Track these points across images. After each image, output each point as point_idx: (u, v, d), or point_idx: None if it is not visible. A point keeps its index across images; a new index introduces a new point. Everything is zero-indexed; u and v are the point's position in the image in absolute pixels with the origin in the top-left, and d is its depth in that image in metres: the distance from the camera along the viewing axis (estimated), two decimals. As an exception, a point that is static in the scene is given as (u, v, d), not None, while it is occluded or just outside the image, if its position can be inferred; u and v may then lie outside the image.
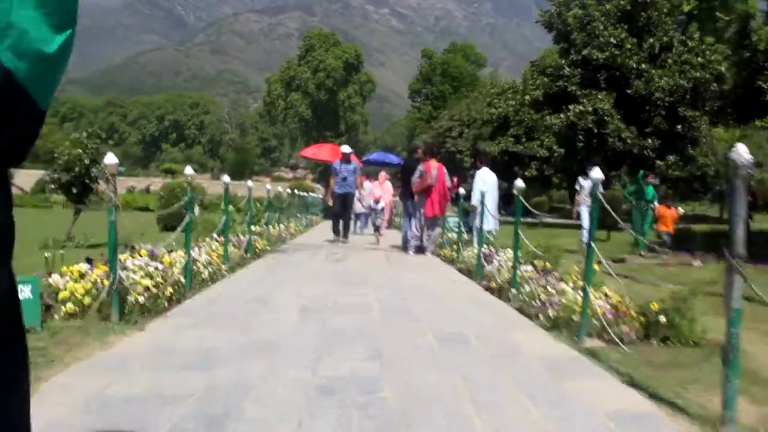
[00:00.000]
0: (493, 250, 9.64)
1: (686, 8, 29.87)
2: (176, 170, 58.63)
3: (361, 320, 5.36)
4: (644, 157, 26.70)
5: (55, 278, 5.20)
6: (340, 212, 14.76)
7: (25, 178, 53.62)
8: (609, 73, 27.07)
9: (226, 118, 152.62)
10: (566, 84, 27.57)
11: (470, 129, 46.18)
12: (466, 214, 13.42)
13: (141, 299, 5.22)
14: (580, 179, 15.08)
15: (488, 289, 7.96)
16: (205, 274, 7.23)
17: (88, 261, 6.16)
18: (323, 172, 70.80)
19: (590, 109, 26.37)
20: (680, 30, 28.07)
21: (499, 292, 7.42)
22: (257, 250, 11.03)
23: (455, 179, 43.10)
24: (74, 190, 9.93)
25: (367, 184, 27.20)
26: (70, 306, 4.86)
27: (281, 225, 15.41)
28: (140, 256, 6.52)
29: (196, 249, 7.81)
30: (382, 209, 15.71)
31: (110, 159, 4.86)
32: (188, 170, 7.96)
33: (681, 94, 26.20)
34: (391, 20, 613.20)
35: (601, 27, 26.94)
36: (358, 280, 8.06)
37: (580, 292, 5.59)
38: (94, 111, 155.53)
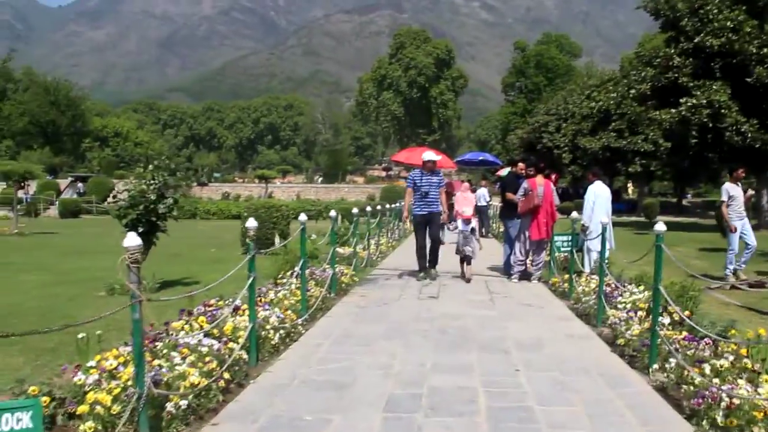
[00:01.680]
0: (614, 283, 8.20)
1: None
2: (269, 176, 58.81)
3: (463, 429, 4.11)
4: (767, 151, 24.20)
5: (79, 377, 4.19)
6: (423, 240, 11.25)
7: (123, 187, 54.90)
8: (725, 60, 24.60)
9: (320, 118, 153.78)
10: (676, 75, 25.25)
11: (568, 123, 43.98)
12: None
13: (184, 403, 4.12)
14: (728, 186, 12.05)
15: (612, 343, 6.56)
16: (276, 339, 6.12)
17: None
18: (418, 171, 69.64)
19: (704, 101, 24.00)
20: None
21: (632, 357, 6.01)
22: (343, 284, 9.93)
23: (554, 176, 41.03)
24: (140, 229, 9.07)
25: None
26: (89, 425, 3.80)
27: (371, 244, 14.28)
28: (196, 326, 5.49)
29: (267, 305, 6.73)
30: (473, 230, 11.54)
31: (132, 241, 3.78)
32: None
33: (810, 80, 23.49)
34: (480, 13, 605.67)
35: (716, 10, 24.49)
36: (458, 336, 6.77)
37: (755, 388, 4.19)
38: (194, 117, 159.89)
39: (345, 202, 42.56)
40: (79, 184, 53.48)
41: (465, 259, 11.25)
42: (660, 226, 5.55)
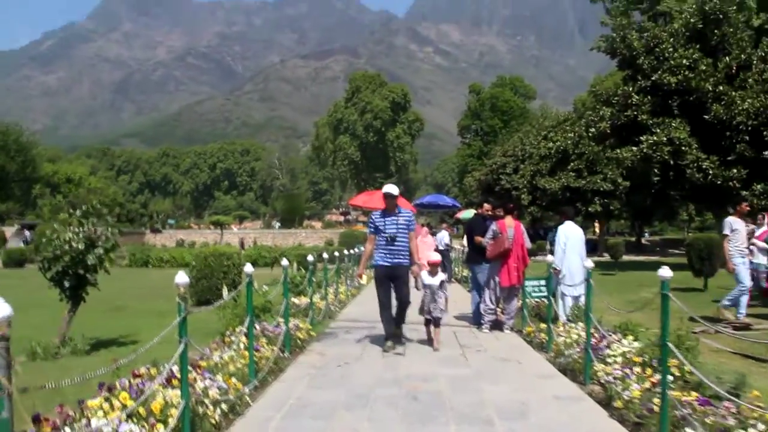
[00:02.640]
0: (600, 333, 7.42)
1: (756, 23, 27.42)
2: (225, 221, 57.46)
3: None
4: (728, 188, 23.98)
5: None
6: (388, 300, 8.94)
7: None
8: (682, 98, 24.55)
9: (277, 163, 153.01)
10: (636, 113, 25.11)
11: (526, 164, 43.82)
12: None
13: None
14: (731, 220, 11.55)
15: (607, 405, 5.75)
16: (216, 417, 5.14)
17: (36, 420, 4.20)
18: (376, 215, 68.94)
19: (665, 139, 23.82)
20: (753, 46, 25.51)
21: (636, 425, 5.18)
22: (299, 340, 8.97)
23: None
24: (66, 283, 8.03)
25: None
26: None
27: (329, 293, 13.34)
28: (118, 404, 4.51)
29: (207, 373, 5.75)
30: (442, 283, 9.25)
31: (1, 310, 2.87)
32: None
33: (767, 116, 23.46)
34: (435, 58, 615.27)
35: (671, 49, 24.49)
36: (431, 403, 5.86)
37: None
38: (149, 162, 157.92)
39: (303, 248, 41.52)
40: (26, 232, 51.46)
41: (432, 322, 9.10)
42: (665, 272, 4.76)
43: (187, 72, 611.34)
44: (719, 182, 23.67)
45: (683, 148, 23.64)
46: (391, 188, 9.04)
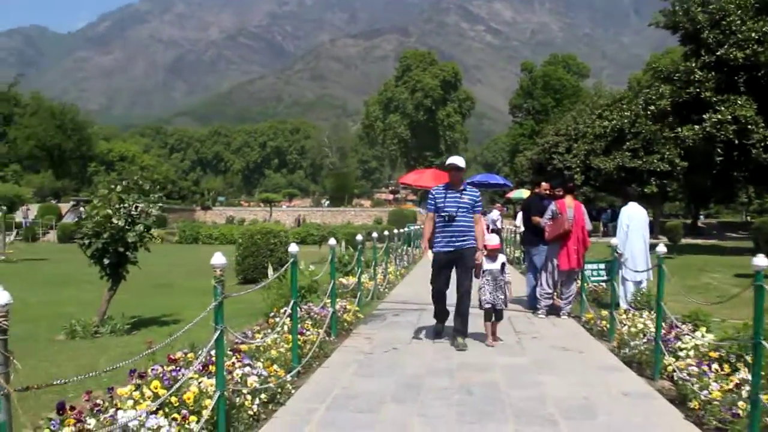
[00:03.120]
0: (671, 323, 6.85)
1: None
2: (274, 199, 57.58)
3: None
4: (798, 169, 22.86)
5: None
6: (444, 286, 7.90)
7: (127, 213, 53.75)
8: (750, 74, 23.35)
9: (326, 142, 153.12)
10: (698, 90, 23.98)
11: (579, 144, 42.66)
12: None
13: None
14: None
15: (681, 403, 5.22)
16: (254, 408, 4.76)
17: (60, 409, 3.88)
18: (425, 194, 68.40)
19: (729, 117, 22.71)
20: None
21: (718, 431, 4.64)
22: (346, 323, 8.59)
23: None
24: (106, 261, 7.76)
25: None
26: None
27: (377, 273, 12.94)
28: (149, 393, 4.17)
29: (247, 359, 5.37)
30: (503, 268, 7.94)
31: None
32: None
33: (841, 94, 22.19)
34: (486, 36, 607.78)
35: (739, 21, 23.27)
36: (487, 397, 5.40)
37: None
38: (201, 140, 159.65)
39: (351, 226, 41.32)
40: (81, 209, 52.36)
41: (493, 315, 7.81)
42: (761, 260, 4.16)
43: (238, 51, 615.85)
44: (788, 163, 22.55)
45: (749, 126, 22.51)
46: (457, 159, 7.77)
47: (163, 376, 4.37)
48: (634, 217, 10.12)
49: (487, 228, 25.08)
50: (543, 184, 10.79)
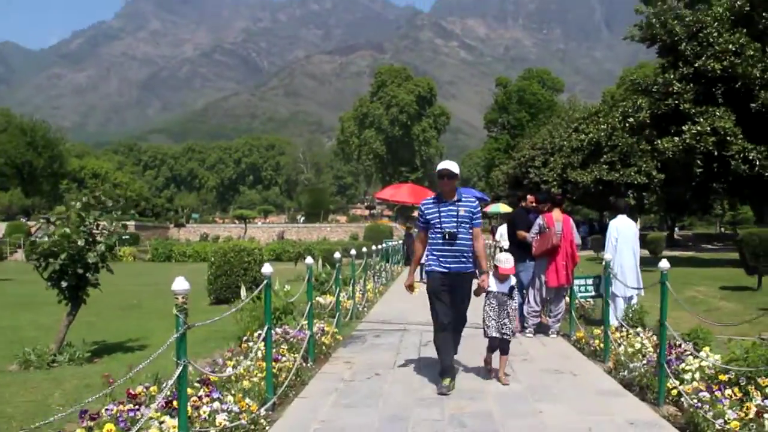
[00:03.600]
0: (675, 343, 6.44)
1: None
2: (249, 216, 56.85)
3: None
4: (778, 181, 22.74)
5: None
6: (447, 316, 6.44)
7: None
8: (728, 85, 23.27)
9: (301, 158, 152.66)
10: (677, 102, 23.84)
11: (557, 157, 42.59)
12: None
13: None
14: None
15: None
16: (221, 452, 4.23)
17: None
18: (402, 209, 68.08)
19: (708, 129, 22.58)
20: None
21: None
22: (324, 346, 8.06)
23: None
24: (64, 283, 7.18)
25: None
26: None
27: (356, 292, 12.44)
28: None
29: (216, 391, 4.82)
30: (511, 292, 6.79)
31: None
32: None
33: (820, 104, 22.11)
34: (460, 53, 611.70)
35: (716, 33, 23.21)
36: (481, 428, 4.92)
37: None
38: (175, 157, 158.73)
39: (327, 243, 40.76)
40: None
41: (499, 345, 6.62)
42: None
43: (213, 68, 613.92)
44: (767, 174, 22.41)
45: (728, 138, 22.39)
46: (450, 165, 6.51)
47: (119, 418, 3.84)
48: (623, 231, 9.73)
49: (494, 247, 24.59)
50: (529, 197, 10.36)
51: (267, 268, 5.69)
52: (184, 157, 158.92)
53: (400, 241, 29.65)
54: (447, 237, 6.31)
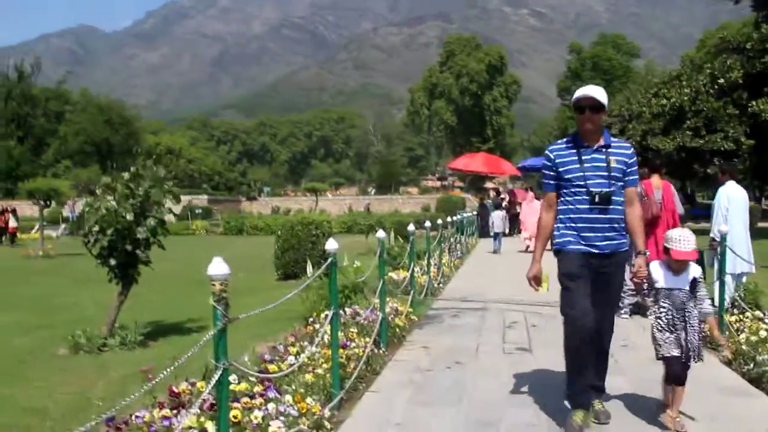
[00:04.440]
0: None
1: None
2: (320, 188, 56.59)
3: None
4: None
5: None
6: (587, 315, 4.33)
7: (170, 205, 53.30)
8: (832, 41, 21.41)
9: (371, 130, 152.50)
10: (775, 59, 22.08)
11: (635, 124, 40.62)
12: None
13: None
14: None
15: None
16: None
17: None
18: (474, 180, 66.80)
19: (810, 89, 20.83)
20: None
21: None
22: (398, 329, 7.30)
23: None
24: (113, 261, 6.61)
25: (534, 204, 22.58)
26: None
27: (431, 267, 11.62)
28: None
29: (273, 389, 4.10)
30: (695, 287, 4.38)
31: None
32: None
33: None
34: (529, 20, 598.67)
35: (820, -17, 21.34)
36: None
37: None
38: (247, 132, 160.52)
39: (399, 215, 40.05)
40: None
41: (679, 373, 4.36)
42: None
43: (282, 43, 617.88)
44: None
45: (833, 97, 20.59)
46: (594, 91, 4.40)
47: (151, 428, 3.16)
48: (734, 199, 8.61)
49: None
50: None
51: (332, 244, 4.94)
52: (256, 132, 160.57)
53: (474, 213, 28.71)
54: (596, 200, 4.30)
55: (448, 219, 17.25)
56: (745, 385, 5.33)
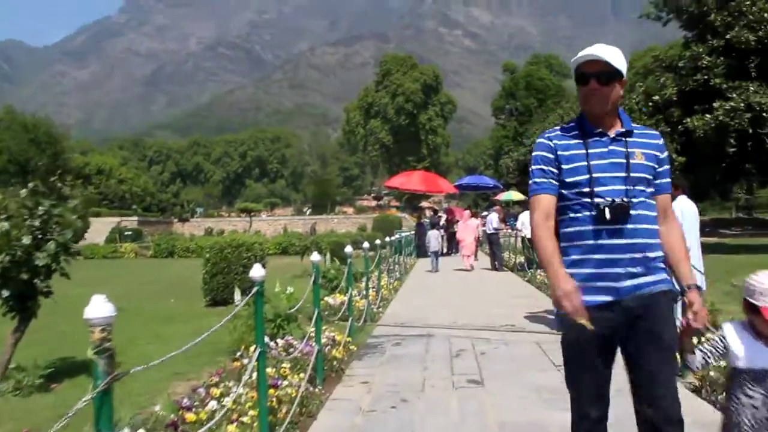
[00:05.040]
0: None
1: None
2: (254, 209, 55.45)
3: None
4: (815, 162, 21.25)
5: None
6: (604, 417, 2.85)
7: (99, 227, 51.28)
8: (762, 58, 21.70)
9: (307, 150, 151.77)
10: (707, 77, 22.26)
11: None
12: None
13: None
14: None
15: None
16: None
17: None
18: (410, 199, 66.55)
19: (743, 105, 21.01)
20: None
21: None
22: (335, 361, 6.62)
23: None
24: (5, 293, 5.74)
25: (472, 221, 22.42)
26: None
27: (369, 289, 10.97)
28: None
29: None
30: None
31: None
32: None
33: None
34: (464, 41, 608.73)
35: (749, 2, 21.62)
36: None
37: None
38: (180, 152, 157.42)
39: (335, 234, 39.35)
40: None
41: None
42: None
43: (218, 62, 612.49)
44: (806, 154, 20.91)
45: (764, 114, 20.82)
46: (603, 51, 2.86)
47: None
48: (687, 215, 8.25)
49: (486, 233, 22.97)
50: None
51: (257, 271, 4.23)
52: (189, 152, 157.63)
53: (412, 232, 28.25)
54: (607, 216, 2.75)
55: (386, 239, 16.68)
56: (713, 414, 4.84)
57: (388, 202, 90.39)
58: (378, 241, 13.23)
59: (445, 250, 24.90)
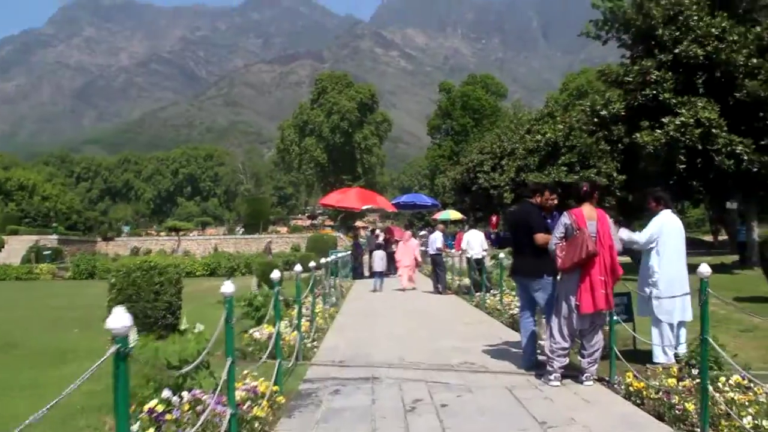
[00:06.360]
0: None
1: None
2: (182, 227, 53.08)
3: None
4: (764, 176, 20.70)
5: None
6: None
7: (16, 246, 48.16)
8: (709, 74, 21.17)
9: (241, 168, 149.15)
10: (656, 92, 21.59)
11: (509, 161, 40.35)
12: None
13: None
14: None
15: None
16: None
17: None
18: (345, 218, 65.08)
19: (692, 120, 20.38)
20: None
21: None
22: (257, 422, 5.09)
23: (494, 218, 36.64)
24: None
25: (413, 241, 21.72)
26: None
27: (301, 319, 9.43)
28: None
29: None
30: None
31: None
32: None
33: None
34: (400, 62, 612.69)
35: (696, 17, 21.11)
36: None
37: None
38: (109, 169, 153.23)
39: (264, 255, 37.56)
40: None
41: None
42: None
43: (150, 78, 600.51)
44: (755, 169, 20.31)
45: (713, 130, 20.20)
46: None
47: None
48: (672, 232, 7.11)
49: (429, 253, 21.72)
50: (547, 193, 7.67)
51: (119, 320, 2.72)
52: (119, 169, 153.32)
53: (348, 252, 26.83)
54: None
55: (322, 260, 15.15)
56: None
57: (323, 221, 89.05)
58: (312, 263, 11.72)
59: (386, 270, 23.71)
